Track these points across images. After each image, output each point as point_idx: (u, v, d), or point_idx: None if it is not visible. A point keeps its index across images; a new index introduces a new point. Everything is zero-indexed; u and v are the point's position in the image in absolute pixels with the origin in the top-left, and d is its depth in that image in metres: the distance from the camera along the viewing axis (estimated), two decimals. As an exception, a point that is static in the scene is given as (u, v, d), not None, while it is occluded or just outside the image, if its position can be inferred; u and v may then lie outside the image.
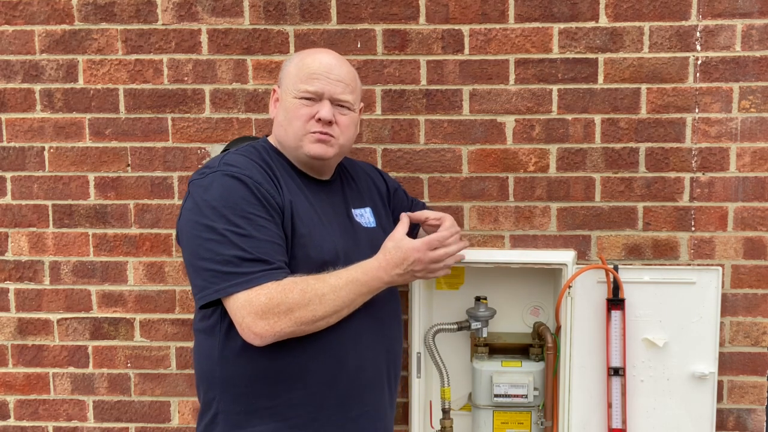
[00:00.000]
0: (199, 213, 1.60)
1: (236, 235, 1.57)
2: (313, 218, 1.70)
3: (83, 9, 2.34)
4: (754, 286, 2.33)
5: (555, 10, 2.27)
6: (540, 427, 2.21)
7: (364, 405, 1.74)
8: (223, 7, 2.32)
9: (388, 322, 1.83)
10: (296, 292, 1.57)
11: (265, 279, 1.56)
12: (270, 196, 1.63)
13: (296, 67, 1.75)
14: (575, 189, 2.33)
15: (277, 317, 1.56)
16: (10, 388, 2.49)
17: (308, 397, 1.67)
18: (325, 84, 1.71)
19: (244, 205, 1.59)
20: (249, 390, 1.66)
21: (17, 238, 2.43)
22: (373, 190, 1.99)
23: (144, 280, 2.42)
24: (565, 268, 2.17)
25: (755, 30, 2.25)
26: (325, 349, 1.67)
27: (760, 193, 2.30)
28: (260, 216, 1.60)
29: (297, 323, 1.58)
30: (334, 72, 1.73)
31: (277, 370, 1.65)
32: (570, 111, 2.31)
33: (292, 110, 1.72)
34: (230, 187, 1.61)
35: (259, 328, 1.56)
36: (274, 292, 1.56)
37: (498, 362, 2.22)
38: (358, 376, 1.73)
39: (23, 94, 2.38)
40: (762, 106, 2.27)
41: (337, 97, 1.73)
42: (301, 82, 1.72)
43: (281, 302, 1.56)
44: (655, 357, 2.23)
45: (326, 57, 1.76)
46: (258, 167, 1.68)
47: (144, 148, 2.39)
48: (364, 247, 1.76)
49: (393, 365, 1.86)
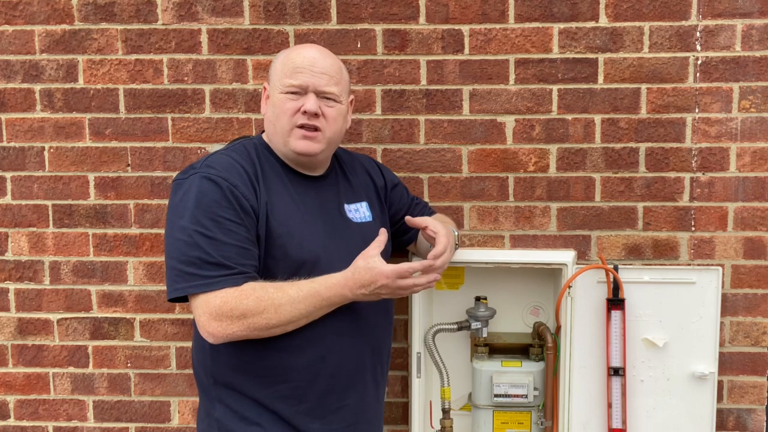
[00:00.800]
0: (174, 212, 1.68)
1: (203, 237, 1.62)
2: (294, 217, 1.73)
3: (83, 9, 2.34)
4: (754, 286, 2.33)
5: (555, 10, 2.27)
6: (540, 427, 2.21)
7: (346, 398, 1.79)
8: (223, 7, 2.32)
9: (374, 319, 1.85)
10: (252, 300, 1.62)
11: (223, 284, 1.62)
12: (244, 199, 1.66)
13: (281, 63, 1.78)
14: (575, 189, 2.33)
15: (230, 320, 1.62)
16: (10, 388, 2.49)
17: (291, 390, 1.73)
18: (309, 77, 1.74)
19: (215, 208, 1.64)
20: (236, 381, 1.73)
21: (17, 238, 2.43)
22: (369, 184, 1.99)
23: (144, 280, 2.42)
24: (565, 268, 2.17)
25: (755, 30, 2.25)
26: (307, 346, 1.71)
27: (760, 193, 2.30)
28: (230, 220, 1.64)
29: (249, 329, 1.63)
30: (318, 65, 1.76)
31: (261, 366, 1.71)
32: (570, 111, 2.31)
33: (278, 105, 1.75)
34: (205, 190, 1.65)
35: (212, 328, 1.63)
36: (230, 296, 1.62)
37: (498, 362, 2.22)
38: (339, 371, 1.77)
39: (23, 94, 2.38)
40: (762, 106, 2.27)
41: (321, 89, 1.75)
42: (286, 77, 1.75)
43: (235, 307, 1.61)
44: (655, 357, 2.23)
45: (310, 51, 1.79)
46: (239, 168, 1.71)
47: (144, 148, 2.39)
48: (353, 243, 1.77)
49: (379, 361, 1.89)
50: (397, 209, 2.06)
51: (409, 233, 2.07)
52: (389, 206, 2.04)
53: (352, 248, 1.74)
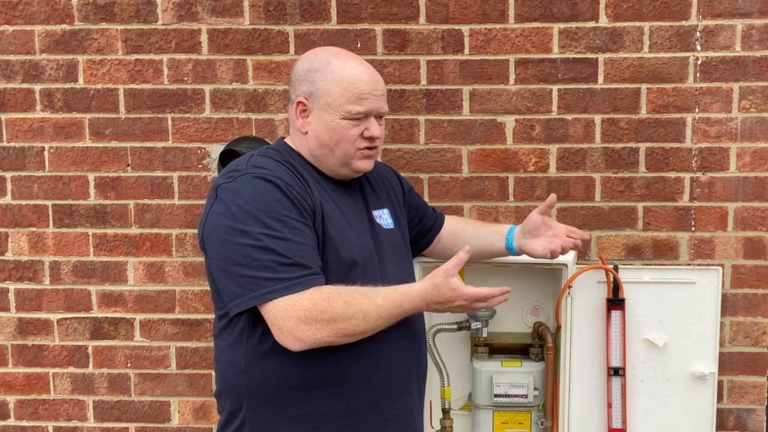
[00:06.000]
0: (231, 217, 1.54)
1: (273, 239, 1.52)
2: (341, 219, 1.67)
3: (83, 9, 2.34)
4: (754, 286, 2.33)
5: (555, 10, 2.27)
6: (540, 427, 2.21)
7: (394, 409, 1.72)
8: (223, 7, 2.32)
9: (415, 324, 1.79)
10: (340, 304, 1.53)
11: (305, 285, 1.53)
12: (302, 198, 1.59)
13: (337, 84, 1.66)
14: (575, 189, 2.33)
15: (319, 324, 1.52)
16: (10, 388, 2.49)
17: (338, 403, 1.64)
18: (373, 103, 1.67)
19: (278, 208, 1.55)
20: (277, 398, 1.63)
21: (17, 238, 2.43)
22: (390, 191, 1.94)
23: (144, 280, 2.42)
24: (565, 268, 2.17)
25: (755, 30, 2.25)
26: (357, 356, 1.63)
27: (760, 193, 2.30)
28: (294, 219, 1.56)
29: (337, 334, 1.54)
30: (378, 87, 1.69)
31: (307, 377, 1.62)
32: (570, 111, 2.31)
33: (340, 132, 1.66)
34: (262, 190, 1.56)
35: (300, 332, 1.52)
36: (317, 298, 1.52)
37: (498, 362, 2.22)
38: (389, 380, 1.70)
39: (23, 94, 2.38)
40: (762, 106, 2.27)
41: (381, 112, 1.71)
42: (349, 104, 1.65)
43: (324, 310, 1.52)
44: (655, 357, 2.22)
45: (366, 72, 1.69)
46: (286, 169, 1.64)
47: (144, 148, 2.39)
48: (386, 249, 1.74)
49: (421, 367, 1.84)
50: (414, 215, 2.02)
51: (425, 238, 2.04)
52: (408, 211, 2.01)
53: (386, 253, 1.71)
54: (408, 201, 1.98)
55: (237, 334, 1.64)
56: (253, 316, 1.59)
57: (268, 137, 2.34)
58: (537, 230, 1.84)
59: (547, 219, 1.83)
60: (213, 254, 1.59)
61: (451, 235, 2.01)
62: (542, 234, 1.83)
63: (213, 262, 1.59)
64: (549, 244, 1.80)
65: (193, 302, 2.42)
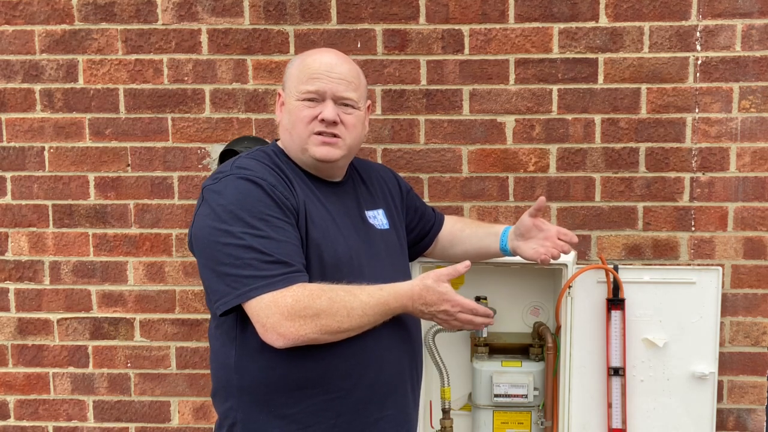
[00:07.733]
0: (215, 218, 1.56)
1: (255, 238, 1.53)
2: (327, 220, 1.68)
3: (83, 9, 2.34)
4: (754, 286, 2.33)
5: (555, 10, 2.27)
6: (540, 427, 2.21)
7: (385, 408, 1.71)
8: (223, 7, 2.32)
9: (409, 323, 1.79)
10: (324, 300, 1.54)
11: (288, 281, 1.53)
12: (285, 198, 1.60)
13: (297, 68, 1.71)
14: (575, 189, 2.33)
15: (303, 321, 1.52)
16: (10, 388, 2.49)
17: (327, 403, 1.64)
18: (326, 83, 1.67)
19: (261, 207, 1.56)
20: (268, 398, 1.63)
21: (17, 238, 2.43)
22: (386, 192, 1.94)
23: (144, 280, 2.42)
24: (565, 268, 2.17)
25: (755, 30, 2.25)
26: (346, 355, 1.63)
27: (760, 193, 2.30)
28: (277, 218, 1.57)
29: (321, 331, 1.55)
30: (336, 70, 1.69)
31: (297, 377, 1.62)
32: (570, 111, 2.31)
33: (294, 112, 1.69)
34: (245, 190, 1.58)
35: (284, 328, 1.52)
36: (301, 295, 1.52)
37: (498, 362, 2.22)
38: (379, 380, 1.70)
39: (23, 94, 2.38)
40: (762, 106, 2.27)
41: (339, 95, 1.69)
42: (302, 83, 1.68)
43: (308, 306, 1.53)
44: (655, 357, 2.22)
45: (327, 56, 1.72)
46: (270, 170, 1.65)
47: (144, 148, 2.39)
48: (378, 249, 1.74)
49: (415, 366, 1.83)
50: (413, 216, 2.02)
51: (425, 239, 2.04)
52: (406, 212, 2.00)
53: (378, 254, 1.71)
54: (407, 202, 1.98)
55: (227, 334, 1.65)
56: (241, 316, 1.60)
57: (268, 137, 2.35)
58: (528, 233, 1.84)
59: (538, 221, 1.83)
60: (200, 255, 1.61)
61: (449, 235, 2.01)
62: (534, 236, 1.84)
63: (201, 262, 1.61)
64: (540, 248, 1.81)
65: (193, 302, 2.42)
